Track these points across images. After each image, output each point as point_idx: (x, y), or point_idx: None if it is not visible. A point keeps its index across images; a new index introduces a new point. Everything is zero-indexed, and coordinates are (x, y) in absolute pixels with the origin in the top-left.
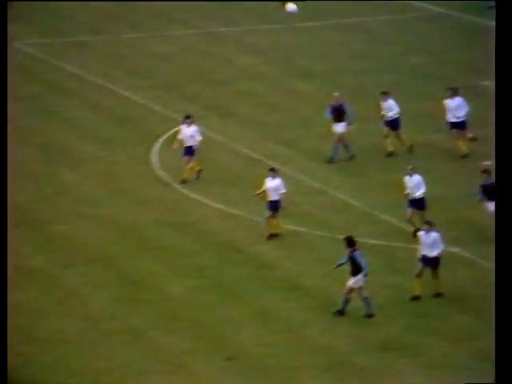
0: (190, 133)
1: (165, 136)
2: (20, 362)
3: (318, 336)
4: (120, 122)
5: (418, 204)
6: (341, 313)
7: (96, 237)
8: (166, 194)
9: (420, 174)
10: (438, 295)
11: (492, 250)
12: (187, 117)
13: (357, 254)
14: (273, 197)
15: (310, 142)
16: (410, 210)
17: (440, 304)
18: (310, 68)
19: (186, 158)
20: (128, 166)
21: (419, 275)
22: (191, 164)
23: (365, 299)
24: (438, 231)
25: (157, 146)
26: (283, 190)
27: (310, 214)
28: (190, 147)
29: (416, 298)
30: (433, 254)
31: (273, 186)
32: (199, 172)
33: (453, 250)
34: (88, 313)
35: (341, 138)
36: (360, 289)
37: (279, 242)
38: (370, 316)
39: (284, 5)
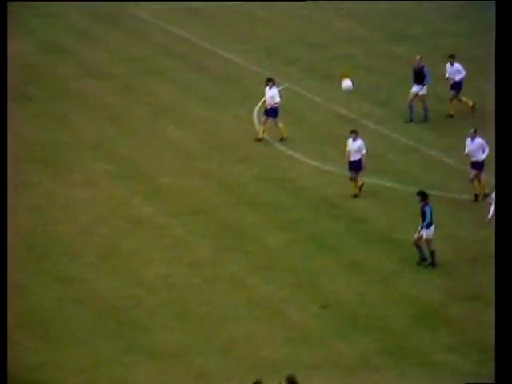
0: (271, 94)
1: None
2: (128, 304)
3: (409, 287)
4: (224, 84)
5: (479, 166)
6: (423, 259)
7: (200, 190)
8: (266, 151)
9: (482, 137)
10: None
11: None
12: (269, 79)
13: (427, 207)
14: (354, 157)
15: (405, 102)
16: (473, 172)
17: None
18: (406, 31)
19: (266, 118)
20: (231, 124)
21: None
22: (280, 124)
23: (432, 252)
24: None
25: (258, 106)
26: (364, 151)
27: (404, 171)
28: (271, 108)
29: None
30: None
31: (355, 147)
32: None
33: None
34: (192, 260)
35: (421, 99)
36: (429, 241)
37: (374, 198)
38: (433, 265)
39: (341, 80)
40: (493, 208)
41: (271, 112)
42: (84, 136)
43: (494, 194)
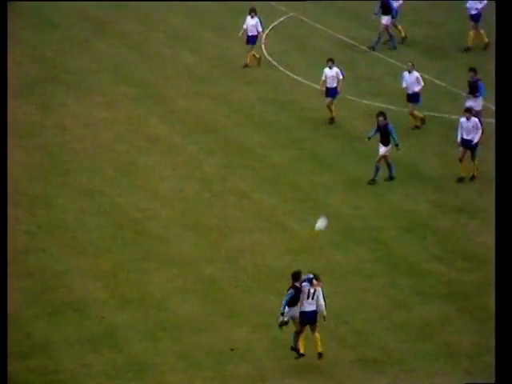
0: (253, 23)
1: (272, 24)
2: (145, 216)
3: (400, 200)
4: (234, 11)
5: (415, 98)
6: (373, 181)
7: (210, 111)
8: (272, 74)
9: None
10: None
11: None
12: (252, 10)
13: (390, 126)
14: (331, 84)
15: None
16: (411, 105)
17: None
18: None
19: (249, 46)
20: (239, 49)
21: (461, 159)
22: (252, 52)
23: (389, 165)
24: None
25: (265, 33)
26: (341, 77)
27: (399, 93)
28: (253, 36)
29: (461, 180)
30: (471, 137)
31: (331, 74)
32: (259, 60)
33: None
34: (203, 176)
35: (384, 29)
36: (385, 156)
37: (370, 118)
38: (391, 178)
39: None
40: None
41: (252, 39)
42: (105, 61)
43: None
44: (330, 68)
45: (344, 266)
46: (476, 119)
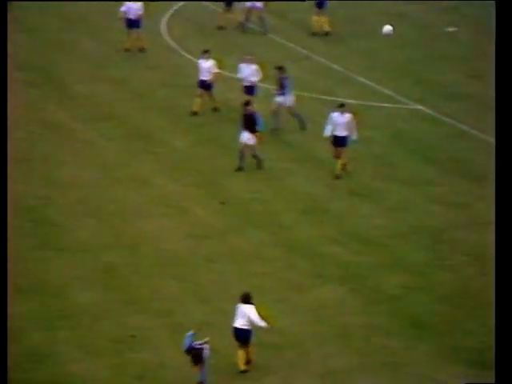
0: (136, 6)
1: (172, 9)
2: (42, 203)
3: (298, 184)
4: None
5: (250, 91)
6: (240, 169)
7: (110, 96)
8: (173, 59)
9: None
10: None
11: (452, 106)
12: None
13: (256, 114)
14: (204, 76)
15: (298, 13)
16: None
17: (406, 157)
18: None
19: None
20: (141, 34)
21: (336, 157)
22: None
23: (255, 156)
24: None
25: (165, 17)
26: (215, 71)
27: (298, 77)
28: (135, 20)
29: (338, 177)
30: (343, 134)
31: (205, 66)
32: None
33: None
34: (103, 162)
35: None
36: (252, 146)
37: (268, 102)
38: (260, 167)
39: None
40: None
41: (135, 23)
42: None
43: None
44: (206, 60)
45: (244, 251)
46: (350, 115)
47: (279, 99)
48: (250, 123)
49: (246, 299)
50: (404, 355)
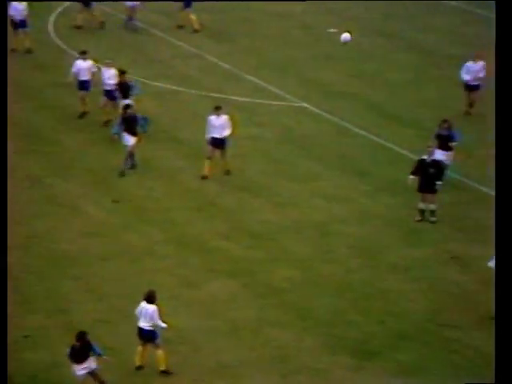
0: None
1: (61, 8)
2: None
3: (190, 181)
4: None
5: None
6: (122, 174)
7: None
8: (62, 59)
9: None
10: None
11: (336, 104)
12: None
13: (138, 117)
14: (83, 77)
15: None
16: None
17: (292, 153)
18: None
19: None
20: (28, 34)
21: (210, 158)
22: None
23: (131, 157)
24: (226, 114)
25: (52, 16)
26: (94, 70)
27: (187, 75)
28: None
29: (204, 178)
30: (221, 136)
31: (84, 66)
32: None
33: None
34: None
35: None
36: (132, 146)
37: (160, 100)
38: (132, 167)
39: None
40: None
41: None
42: None
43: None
44: (84, 60)
45: (137, 248)
46: (226, 116)
47: (127, 101)
48: (131, 125)
49: (150, 298)
50: (292, 347)
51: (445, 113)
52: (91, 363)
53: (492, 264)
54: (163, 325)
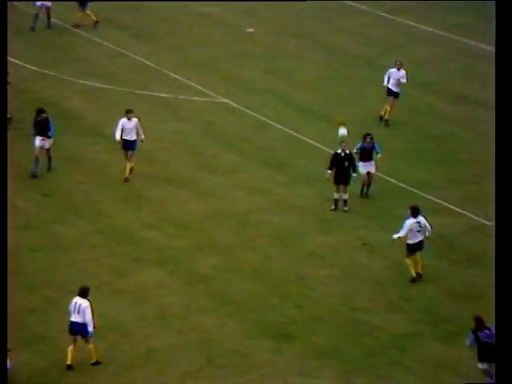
0: None
1: None
2: None
3: (118, 173)
4: None
5: None
6: (34, 175)
7: None
8: None
9: None
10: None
11: (254, 99)
12: None
13: (49, 120)
14: None
15: (108, 11)
16: None
17: (214, 146)
18: None
19: None
20: None
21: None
22: None
23: (49, 157)
24: (137, 118)
25: None
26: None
27: (114, 73)
28: None
29: (125, 180)
30: (132, 138)
31: None
32: None
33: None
34: None
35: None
36: (48, 149)
37: (87, 97)
38: (35, 175)
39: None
40: None
41: None
42: None
43: None
44: None
45: (67, 239)
46: (136, 120)
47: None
48: (43, 129)
49: (83, 293)
50: (217, 332)
51: (354, 109)
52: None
53: (395, 236)
54: (91, 329)
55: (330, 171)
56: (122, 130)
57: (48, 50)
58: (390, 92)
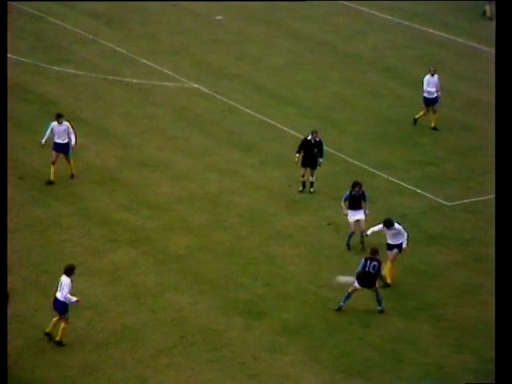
0: None
1: None
2: None
3: (92, 157)
4: None
5: None
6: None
7: None
8: None
9: None
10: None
11: (224, 84)
12: None
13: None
14: None
15: (87, 5)
16: None
17: (186, 130)
18: None
19: None
20: None
21: (54, 162)
22: None
23: None
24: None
25: None
26: None
27: (87, 59)
28: None
29: (50, 183)
30: (63, 141)
31: None
32: None
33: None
34: None
35: None
36: None
37: (61, 83)
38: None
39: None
40: None
41: None
42: None
43: None
44: None
45: (44, 220)
46: (67, 123)
47: None
48: None
49: (67, 272)
50: (189, 310)
51: (319, 93)
52: None
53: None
54: (73, 299)
55: (298, 154)
56: (54, 133)
57: (22, 38)
58: (427, 101)
